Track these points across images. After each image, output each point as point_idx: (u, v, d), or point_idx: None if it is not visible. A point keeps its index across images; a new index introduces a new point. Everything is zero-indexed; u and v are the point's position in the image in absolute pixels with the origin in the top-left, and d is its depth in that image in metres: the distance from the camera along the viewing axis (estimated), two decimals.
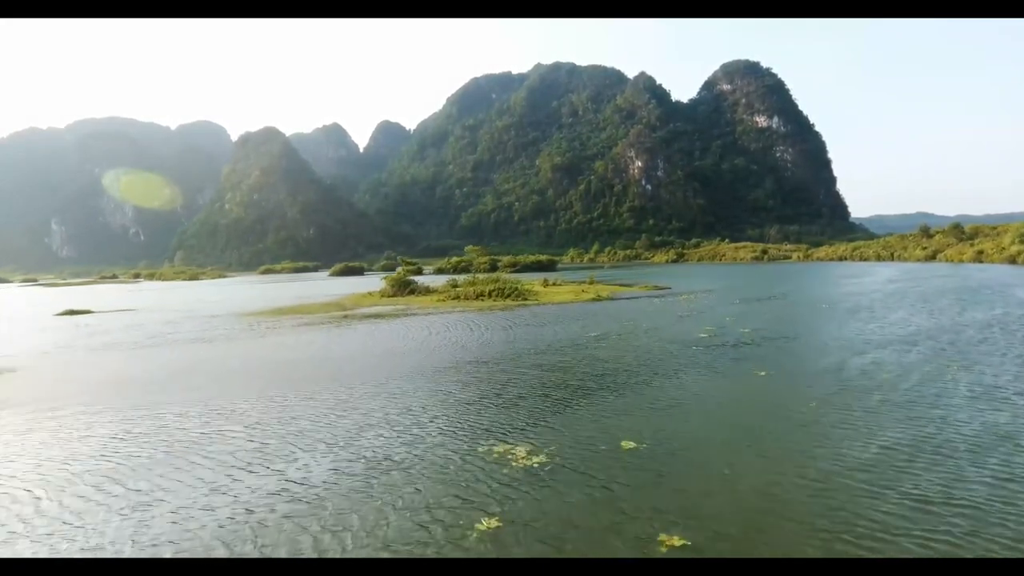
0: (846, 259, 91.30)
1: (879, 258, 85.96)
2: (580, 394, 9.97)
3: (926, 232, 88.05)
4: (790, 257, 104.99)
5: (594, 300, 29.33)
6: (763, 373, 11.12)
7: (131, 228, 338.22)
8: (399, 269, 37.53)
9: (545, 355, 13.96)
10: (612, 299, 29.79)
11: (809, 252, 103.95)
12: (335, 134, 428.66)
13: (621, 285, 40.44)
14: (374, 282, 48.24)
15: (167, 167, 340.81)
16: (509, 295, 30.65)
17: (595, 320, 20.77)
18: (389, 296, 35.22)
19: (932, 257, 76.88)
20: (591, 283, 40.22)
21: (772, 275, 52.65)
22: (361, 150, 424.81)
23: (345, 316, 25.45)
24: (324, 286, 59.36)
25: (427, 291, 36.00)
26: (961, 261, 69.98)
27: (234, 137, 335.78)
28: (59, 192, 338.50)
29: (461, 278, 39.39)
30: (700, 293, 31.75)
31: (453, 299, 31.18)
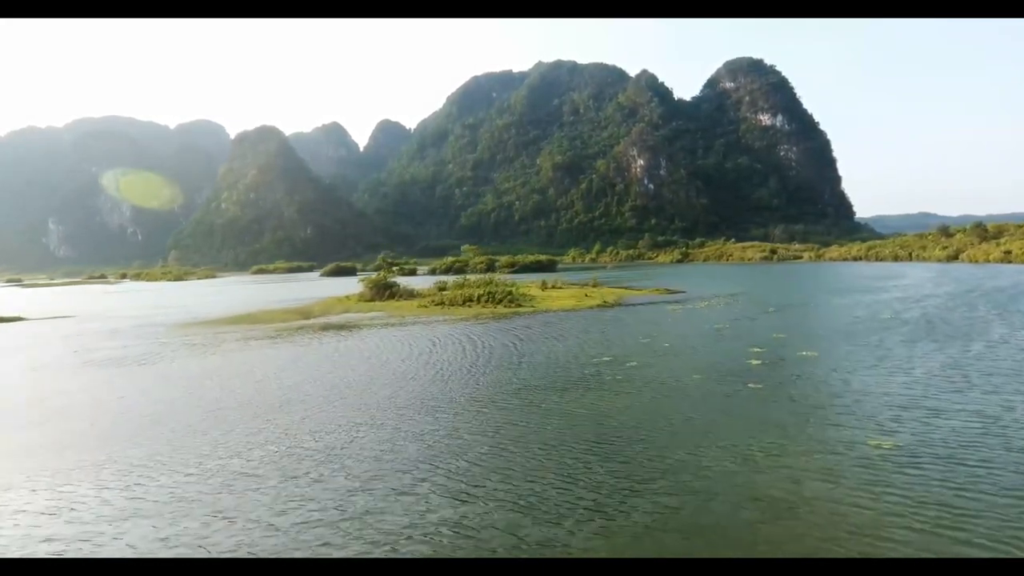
0: (861, 259, 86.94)
1: (896, 258, 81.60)
2: (584, 491, 5.76)
3: (945, 232, 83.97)
4: (801, 257, 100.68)
5: (600, 307, 25.12)
6: (887, 444, 6.88)
7: (129, 228, 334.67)
8: (380, 272, 33.22)
9: (534, 395, 9.75)
10: (621, 305, 25.58)
11: (820, 252, 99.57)
12: (335, 133, 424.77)
13: (628, 288, 36.21)
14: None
15: (166, 166, 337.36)
16: (501, 300, 26.44)
17: (604, 334, 16.56)
18: (367, 300, 31.06)
19: (954, 257, 72.60)
20: (595, 286, 36.02)
21: (792, 277, 48.37)
22: (361, 149, 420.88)
23: (301, 327, 21.26)
24: (309, 287, 55.24)
25: (410, 294, 31.84)
26: (987, 261, 65.86)
27: (234, 136, 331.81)
28: (57, 191, 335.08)
29: (450, 279, 35.28)
30: (722, 298, 27.50)
31: (437, 305, 27.00)
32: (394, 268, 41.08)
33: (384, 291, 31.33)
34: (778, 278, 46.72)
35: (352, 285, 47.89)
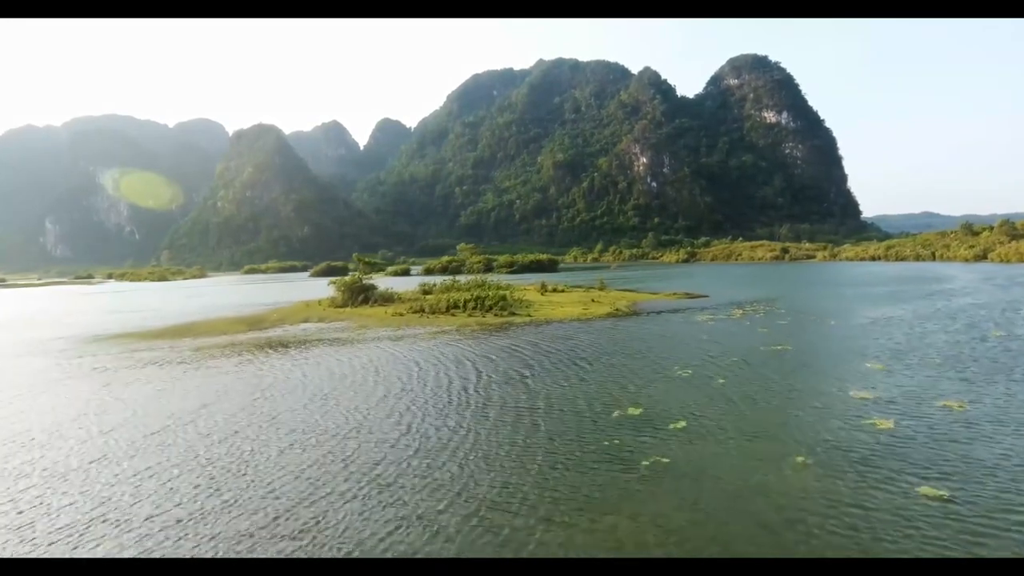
0: (879, 259, 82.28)
1: (918, 258, 76.94)
2: None
3: (970, 230, 79.56)
4: (814, 257, 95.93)
5: (612, 315, 20.64)
6: None
7: (126, 227, 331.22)
8: (355, 273, 28.75)
9: (519, 520, 5.29)
10: (637, 314, 21.08)
11: (835, 252, 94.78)
12: (335, 132, 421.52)
13: (639, 292, 31.71)
14: None
15: (164, 165, 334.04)
16: (492, 307, 21.97)
17: (625, 360, 12.09)
18: (337, 306, 26.60)
19: (982, 256, 68.09)
20: (601, 288, 31.54)
21: (818, 278, 43.72)
22: (361, 148, 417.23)
23: (235, 344, 16.76)
24: (289, 289, 50.71)
25: (390, 298, 27.41)
26: (1020, 261, 61.53)
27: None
28: (54, 190, 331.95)
29: (436, 281, 30.87)
30: (758, 305, 22.91)
31: (416, 312, 22.53)
32: (379, 269, 36.54)
33: (358, 295, 26.87)
34: (804, 280, 42.14)
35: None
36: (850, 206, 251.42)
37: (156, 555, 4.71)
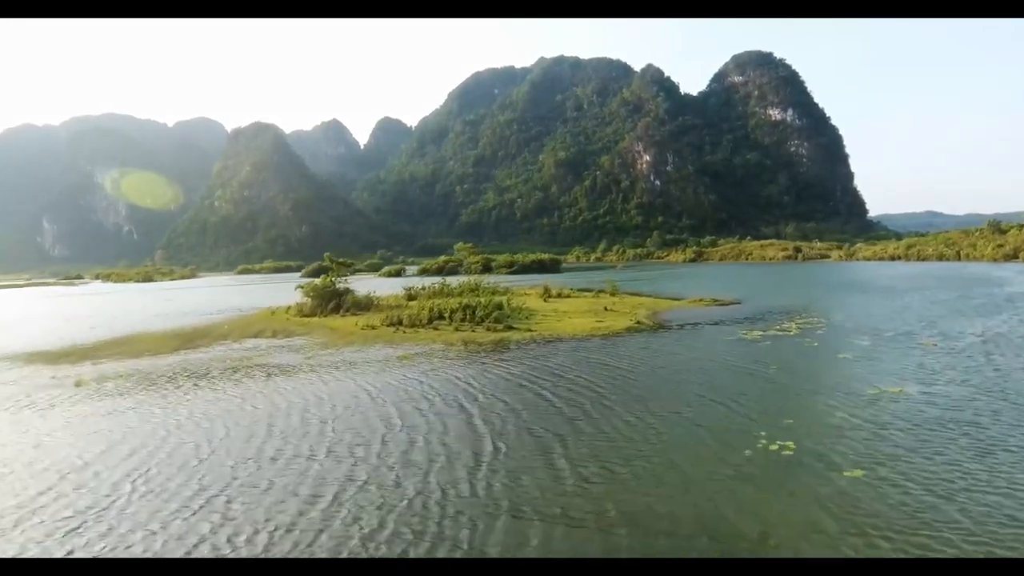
0: (899, 259, 78.04)
1: (941, 257, 72.64)
2: None
3: (997, 228, 75.38)
4: (828, 256, 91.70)
5: (633, 329, 16.58)
6: None
7: (124, 226, 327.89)
8: (325, 276, 24.69)
9: None
10: (663, 327, 17.01)
11: (851, 251, 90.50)
12: (335, 131, 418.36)
13: (658, 297, 27.62)
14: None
15: (164, 164, 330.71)
16: (484, 318, 17.93)
17: (674, 416, 8.03)
18: (305, 315, 22.57)
19: (1012, 256, 63.93)
20: (613, 293, 27.38)
21: (851, 281, 39.50)
22: (362, 147, 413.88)
23: (142, 372, 12.72)
24: (271, 292, 46.66)
25: (367, 305, 23.39)
26: None
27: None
28: (52, 190, 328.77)
29: (427, 283, 26.87)
30: (809, 317, 18.77)
31: (391, 325, 18.48)
32: (371, 270, 32.47)
33: (329, 301, 22.84)
34: (834, 282, 37.98)
35: None
36: (856, 205, 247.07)
37: None
